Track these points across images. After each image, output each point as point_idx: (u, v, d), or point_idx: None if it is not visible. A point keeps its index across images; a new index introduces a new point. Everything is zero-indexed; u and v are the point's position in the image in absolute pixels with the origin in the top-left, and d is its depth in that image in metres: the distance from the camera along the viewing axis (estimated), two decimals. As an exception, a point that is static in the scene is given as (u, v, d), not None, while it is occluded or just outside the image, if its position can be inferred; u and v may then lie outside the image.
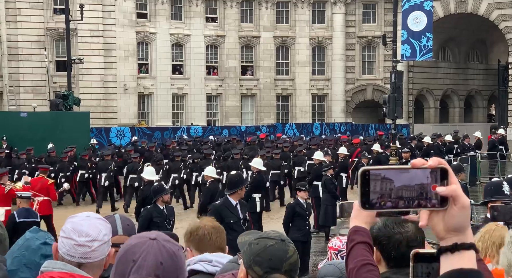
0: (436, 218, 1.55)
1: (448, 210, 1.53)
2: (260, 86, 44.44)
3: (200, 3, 42.54)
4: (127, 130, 33.02)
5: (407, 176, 1.53)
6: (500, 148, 26.91)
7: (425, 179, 1.53)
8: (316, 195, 16.27)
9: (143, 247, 1.90)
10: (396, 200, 1.53)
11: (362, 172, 1.55)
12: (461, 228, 1.54)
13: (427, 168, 1.53)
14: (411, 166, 1.54)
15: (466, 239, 1.55)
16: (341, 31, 44.55)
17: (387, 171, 1.54)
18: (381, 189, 1.54)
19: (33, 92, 37.96)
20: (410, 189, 1.53)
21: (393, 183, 1.53)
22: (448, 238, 1.55)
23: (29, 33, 38.18)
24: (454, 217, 1.53)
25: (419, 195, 1.53)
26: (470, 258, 1.54)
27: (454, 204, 1.52)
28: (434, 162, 1.54)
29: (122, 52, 40.11)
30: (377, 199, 1.54)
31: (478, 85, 49.60)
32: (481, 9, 42.19)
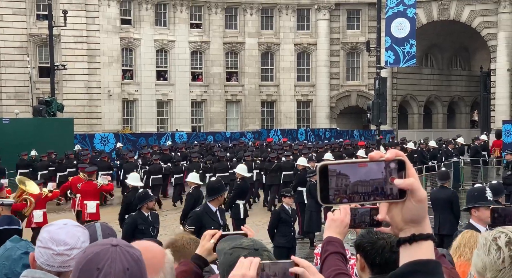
0: (395, 209, 1.56)
1: (405, 203, 1.54)
2: (245, 92, 44.46)
3: (184, 9, 42.52)
4: (112, 137, 32.82)
5: (363, 171, 1.53)
6: (483, 153, 27.14)
7: (380, 173, 1.53)
8: (301, 201, 16.29)
9: (107, 254, 1.85)
10: (352, 195, 1.54)
11: (320, 167, 1.55)
12: (418, 220, 1.56)
13: (384, 160, 1.54)
14: (368, 159, 1.54)
15: (424, 229, 1.56)
16: (325, 38, 44.76)
17: (343, 166, 1.54)
18: (336, 185, 1.54)
19: (15, 99, 37.63)
20: (365, 184, 1.53)
21: (348, 179, 1.53)
22: (407, 229, 1.56)
23: (12, 39, 37.87)
24: (411, 210, 1.54)
25: (374, 190, 1.53)
26: (428, 248, 1.56)
27: (411, 196, 1.53)
28: (391, 154, 1.55)
29: (106, 58, 39.93)
30: (333, 195, 1.54)
31: (461, 92, 50.06)
32: (463, 16, 42.63)
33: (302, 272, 2.00)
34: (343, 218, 2.41)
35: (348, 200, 1.54)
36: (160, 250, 2.34)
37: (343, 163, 1.55)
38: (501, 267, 2.09)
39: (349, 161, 1.55)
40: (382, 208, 1.58)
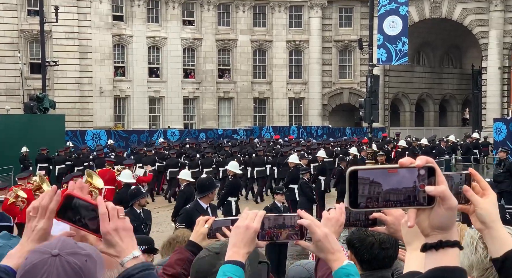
0: (422, 215, 1.56)
1: (434, 209, 1.54)
2: (237, 90, 44.43)
3: (177, 6, 42.40)
4: (103, 133, 32.71)
5: (395, 179, 1.54)
6: (474, 151, 27.26)
7: (412, 182, 1.54)
8: (293, 198, 16.29)
9: (44, 267, 1.76)
10: (384, 203, 1.55)
11: (350, 172, 1.55)
12: (446, 227, 1.56)
13: (415, 167, 1.54)
14: (399, 165, 1.55)
15: (451, 236, 1.56)
16: (317, 35, 44.78)
17: (375, 173, 1.54)
18: (369, 193, 1.55)
19: (6, 95, 37.42)
20: (397, 192, 1.54)
21: (381, 187, 1.54)
22: (433, 235, 1.56)
23: (3, 35, 37.65)
24: (440, 216, 1.54)
25: (406, 198, 1.54)
26: (454, 255, 1.56)
27: (442, 204, 1.53)
28: (422, 161, 1.55)
29: (98, 54, 39.76)
30: (365, 202, 1.56)
31: (452, 90, 50.25)
32: (455, 14, 42.76)
33: (308, 224, 2.04)
34: (338, 217, 2.38)
35: (379, 207, 1.57)
36: None
37: (373, 168, 1.55)
38: (488, 265, 2.09)
39: (378, 167, 1.55)
40: (410, 214, 1.58)
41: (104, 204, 1.91)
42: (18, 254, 1.95)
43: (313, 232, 2.03)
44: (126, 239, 1.91)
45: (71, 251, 1.79)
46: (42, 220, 1.95)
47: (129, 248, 1.90)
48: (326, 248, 2.04)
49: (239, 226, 2.05)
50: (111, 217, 1.90)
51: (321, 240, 2.02)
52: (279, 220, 2.08)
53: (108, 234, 1.89)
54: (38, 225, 1.96)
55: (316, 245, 2.04)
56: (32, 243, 1.95)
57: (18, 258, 1.94)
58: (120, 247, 1.90)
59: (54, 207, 1.93)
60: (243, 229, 2.03)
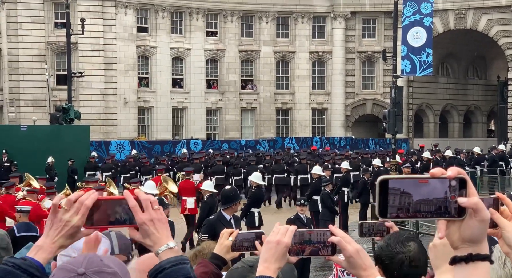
0: (453, 227, 1.55)
1: (466, 221, 1.53)
2: (260, 100, 44.51)
3: (200, 17, 42.74)
4: (127, 144, 33.00)
5: (426, 189, 1.53)
6: (500, 163, 26.89)
7: (442, 193, 1.53)
8: (316, 210, 16.25)
9: None
10: (414, 213, 1.54)
11: (380, 181, 1.55)
12: (477, 239, 1.54)
13: (446, 177, 1.53)
14: (430, 176, 1.54)
15: (481, 250, 1.54)
16: (341, 46, 44.72)
17: (406, 183, 1.53)
18: (399, 203, 1.54)
19: (33, 106, 38.00)
20: (428, 203, 1.53)
21: (411, 197, 1.53)
22: (463, 248, 1.54)
23: (30, 47, 38.32)
24: (471, 229, 1.52)
25: (437, 209, 1.53)
26: (484, 269, 1.54)
27: (474, 216, 1.52)
28: (453, 172, 1.53)
29: (123, 65, 40.21)
30: (396, 211, 1.55)
31: (477, 101, 49.70)
32: (480, 25, 42.39)
33: (338, 241, 2.02)
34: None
35: (409, 217, 1.55)
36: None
37: (403, 178, 1.54)
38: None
39: (409, 176, 1.54)
40: (441, 225, 1.57)
41: (132, 197, 1.91)
42: (48, 249, 1.91)
43: (344, 248, 2.02)
44: (162, 229, 1.92)
45: (97, 270, 1.77)
46: (76, 216, 1.90)
47: (164, 239, 1.92)
48: (358, 264, 2.02)
49: (270, 241, 2.03)
50: (145, 207, 1.91)
51: (352, 256, 2.01)
52: (310, 236, 2.07)
53: (144, 224, 1.90)
54: (71, 220, 1.90)
55: (348, 261, 2.03)
56: (63, 239, 1.91)
57: (47, 253, 1.91)
58: (156, 237, 1.91)
59: (89, 204, 1.90)
60: (274, 244, 2.02)
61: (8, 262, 1.88)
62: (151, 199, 1.93)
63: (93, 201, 1.90)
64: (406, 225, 15.14)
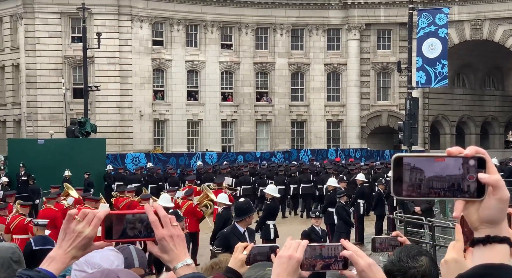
0: (472, 208, 1.51)
1: (485, 201, 1.49)
2: (275, 112, 44.55)
3: (215, 30, 42.99)
4: (143, 157, 33.12)
5: (439, 166, 1.49)
6: (518, 175, 26.56)
7: (457, 170, 1.49)
8: (331, 222, 16.17)
9: None
10: (426, 190, 1.50)
11: (395, 158, 1.51)
12: (496, 220, 1.50)
13: (463, 156, 1.49)
14: (446, 154, 1.51)
15: (500, 232, 1.51)
16: (355, 58, 44.70)
17: (419, 160, 1.50)
18: (410, 180, 1.50)
19: (50, 120, 38.39)
20: (441, 180, 1.49)
21: (423, 173, 1.49)
22: (481, 230, 1.51)
23: (47, 61, 38.79)
24: (490, 209, 1.49)
25: (450, 187, 1.49)
26: (503, 252, 1.50)
27: (493, 194, 1.48)
28: (471, 150, 1.51)
29: (138, 79, 40.52)
30: (406, 189, 1.50)
31: (494, 112, 49.31)
32: (496, 36, 42.15)
33: (350, 255, 2.00)
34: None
35: (421, 195, 1.51)
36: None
37: (419, 156, 1.51)
38: None
39: (425, 154, 1.51)
40: (457, 205, 1.53)
41: (152, 211, 1.94)
42: (60, 260, 1.93)
43: (356, 263, 2.00)
44: (180, 246, 1.95)
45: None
46: (89, 228, 1.93)
47: (182, 255, 1.95)
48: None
49: (282, 256, 2.03)
50: (164, 224, 1.94)
51: (364, 270, 1.98)
52: (321, 250, 2.06)
53: (163, 240, 1.93)
54: (84, 231, 1.93)
55: (360, 275, 2.00)
56: (75, 250, 1.94)
57: (60, 264, 1.93)
58: (174, 253, 1.94)
59: (102, 215, 1.93)
60: (286, 259, 2.01)
61: (23, 274, 1.90)
62: (170, 216, 1.98)
63: (106, 213, 1.93)
64: (422, 237, 15.00)
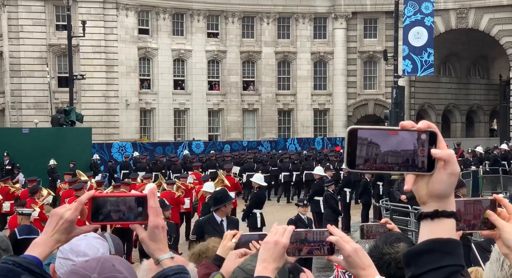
0: (421, 182, 1.53)
1: (435, 175, 1.51)
2: (262, 101, 44.51)
3: (201, 19, 42.75)
4: (129, 146, 32.99)
5: (394, 140, 1.50)
6: (503, 163, 26.84)
7: (411, 145, 1.50)
8: (318, 210, 16.25)
9: None
10: (381, 165, 1.51)
11: (350, 131, 1.52)
12: (444, 195, 1.52)
13: (416, 130, 1.51)
14: (400, 127, 1.52)
15: (448, 206, 1.53)
16: (342, 46, 44.71)
17: (374, 134, 1.51)
18: (366, 154, 1.51)
19: (35, 108, 38.05)
20: (396, 155, 1.51)
21: (379, 148, 1.51)
22: (430, 204, 1.53)
23: (32, 49, 38.36)
24: (440, 183, 1.50)
25: (405, 162, 1.50)
26: (450, 226, 1.52)
27: (444, 168, 1.50)
28: (423, 124, 1.52)
29: (124, 67, 40.24)
30: (363, 163, 1.51)
31: (479, 100, 49.64)
32: (482, 25, 42.33)
33: (336, 240, 2.02)
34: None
35: (376, 169, 1.52)
36: (182, 261, 2.35)
37: (373, 128, 1.52)
38: None
39: (379, 127, 1.52)
40: (408, 179, 1.55)
41: (154, 197, 1.95)
42: (44, 243, 1.95)
43: (342, 248, 2.01)
44: (165, 238, 1.99)
45: (110, 276, 1.78)
46: (70, 210, 1.95)
47: (166, 248, 1.97)
48: (356, 263, 2.01)
49: (268, 241, 2.03)
50: (158, 213, 1.95)
51: (350, 255, 2.00)
52: (307, 235, 2.05)
53: (156, 228, 1.93)
54: (64, 215, 1.95)
55: (346, 260, 2.02)
56: (58, 233, 1.95)
57: (44, 247, 1.95)
58: (162, 244, 1.96)
59: (84, 198, 1.94)
60: (272, 245, 2.01)
61: (9, 260, 1.90)
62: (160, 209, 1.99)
63: (89, 196, 1.93)
64: (408, 225, 15.10)
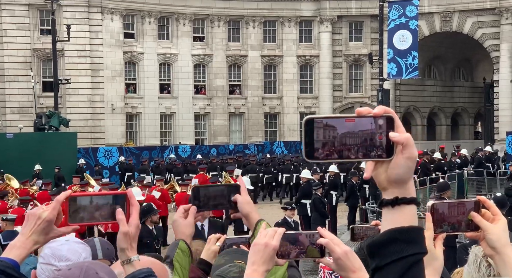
0: (380, 168, 1.52)
1: (393, 160, 1.50)
2: (248, 105, 44.53)
3: (187, 23, 42.71)
4: (115, 150, 32.81)
5: (351, 123, 1.49)
6: (487, 165, 27.04)
7: (369, 124, 1.49)
8: (305, 214, 16.25)
9: None
10: (340, 148, 1.48)
11: (306, 120, 1.50)
12: (403, 180, 1.51)
13: (372, 116, 1.49)
14: (356, 114, 1.50)
15: (408, 193, 1.52)
16: (328, 50, 44.87)
17: (331, 119, 1.49)
18: (324, 137, 1.48)
19: (19, 113, 37.74)
20: (354, 136, 1.48)
21: (336, 131, 1.48)
22: (390, 190, 1.52)
23: (16, 54, 38.07)
24: (399, 167, 1.49)
25: (363, 142, 1.49)
26: (410, 213, 1.52)
27: (402, 152, 1.49)
28: (379, 109, 1.51)
29: (110, 72, 40.07)
30: (321, 148, 1.48)
31: (464, 103, 50.03)
32: (465, 28, 42.70)
33: (326, 242, 2.01)
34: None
35: (336, 153, 1.49)
36: (161, 266, 2.33)
37: (329, 117, 1.50)
38: None
39: (336, 115, 1.50)
40: (368, 166, 1.54)
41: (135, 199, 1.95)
42: (21, 245, 1.91)
43: (332, 250, 2.00)
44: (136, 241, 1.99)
45: None
46: (47, 211, 1.92)
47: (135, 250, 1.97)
48: (346, 266, 2.00)
49: (257, 243, 2.01)
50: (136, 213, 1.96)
51: (340, 258, 1.99)
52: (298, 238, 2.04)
53: (136, 228, 1.94)
54: (42, 215, 1.92)
55: (337, 263, 2.01)
56: (36, 234, 1.92)
57: (22, 249, 1.92)
58: (135, 245, 1.96)
59: (61, 198, 1.91)
60: (262, 247, 1.99)
61: None
62: None
63: (66, 195, 1.90)
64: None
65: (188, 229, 2.57)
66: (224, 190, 2.28)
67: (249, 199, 2.46)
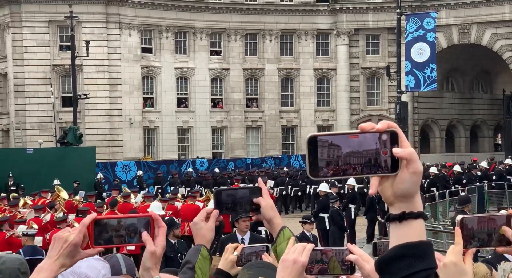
0: (386, 183, 1.52)
1: (398, 175, 1.49)
2: (265, 118, 44.56)
3: (204, 37, 42.98)
4: (133, 165, 32.99)
5: (355, 142, 1.49)
6: (508, 178, 26.68)
7: (373, 144, 1.48)
8: (323, 227, 16.13)
9: None
10: (344, 167, 1.49)
11: (309, 139, 1.50)
12: (409, 194, 1.51)
13: (375, 131, 1.49)
14: (359, 130, 1.50)
15: (415, 207, 1.51)
16: (345, 63, 44.83)
17: (334, 136, 1.50)
18: (328, 156, 1.48)
19: (39, 129, 38.14)
20: (358, 156, 1.48)
21: (340, 150, 1.48)
22: (397, 205, 1.51)
23: (36, 70, 38.58)
24: (404, 182, 1.49)
25: (367, 162, 1.48)
26: (418, 228, 1.51)
27: (406, 167, 1.48)
28: (383, 124, 1.51)
29: (127, 86, 40.39)
30: (325, 166, 1.49)
31: (483, 115, 49.58)
32: (484, 40, 42.43)
33: (355, 259, 1.99)
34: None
35: (340, 172, 1.49)
36: None
37: (333, 134, 1.50)
38: None
39: (339, 132, 1.51)
40: (373, 181, 1.53)
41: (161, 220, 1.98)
42: (48, 268, 1.94)
43: (361, 267, 1.98)
44: None
45: None
46: (73, 234, 1.94)
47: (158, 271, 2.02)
48: None
49: (286, 259, 1.97)
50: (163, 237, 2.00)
51: (370, 275, 1.96)
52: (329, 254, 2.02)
53: (162, 249, 1.98)
54: (68, 238, 1.94)
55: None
56: (62, 257, 1.94)
57: (49, 272, 1.94)
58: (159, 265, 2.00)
59: (87, 221, 1.93)
60: (290, 263, 1.95)
61: None
62: None
63: (91, 219, 1.92)
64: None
65: (209, 234, 2.55)
66: (246, 192, 2.30)
67: (272, 203, 2.46)
